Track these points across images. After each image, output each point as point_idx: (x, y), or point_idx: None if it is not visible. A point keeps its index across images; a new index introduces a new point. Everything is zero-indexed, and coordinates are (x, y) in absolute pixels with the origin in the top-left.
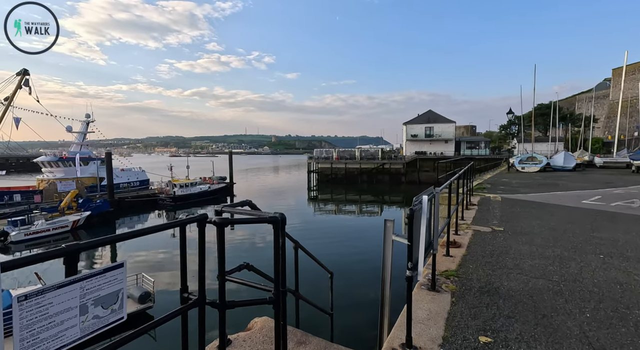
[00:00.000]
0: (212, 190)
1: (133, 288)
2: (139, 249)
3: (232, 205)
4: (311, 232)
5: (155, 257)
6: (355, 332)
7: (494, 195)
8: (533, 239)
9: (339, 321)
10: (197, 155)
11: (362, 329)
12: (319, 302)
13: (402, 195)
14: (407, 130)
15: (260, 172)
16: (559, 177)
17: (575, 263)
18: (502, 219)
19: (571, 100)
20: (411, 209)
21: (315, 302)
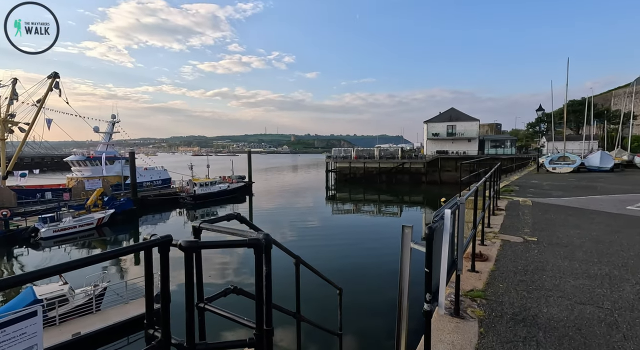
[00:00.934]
0: (231, 189)
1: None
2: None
3: (213, 220)
4: (327, 234)
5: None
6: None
7: (524, 199)
8: (574, 253)
9: (350, 342)
10: (218, 154)
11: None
12: (327, 321)
13: (423, 196)
14: (428, 128)
15: (280, 171)
16: (596, 179)
17: (629, 285)
18: (534, 227)
19: (606, 96)
20: (429, 228)
21: (322, 322)
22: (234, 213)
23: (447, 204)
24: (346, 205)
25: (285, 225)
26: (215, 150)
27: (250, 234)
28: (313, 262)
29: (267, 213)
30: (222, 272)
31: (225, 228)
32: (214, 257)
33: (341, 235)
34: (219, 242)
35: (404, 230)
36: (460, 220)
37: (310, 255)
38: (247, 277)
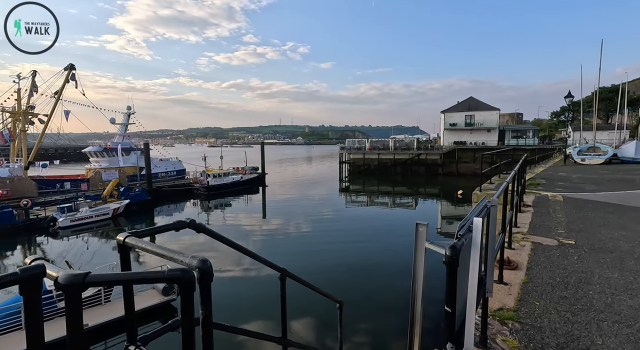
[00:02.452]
0: (245, 181)
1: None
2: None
3: (150, 231)
4: (339, 228)
5: (189, 246)
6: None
7: (553, 194)
8: (623, 261)
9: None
10: (233, 145)
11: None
12: (324, 338)
13: (439, 188)
14: (445, 118)
15: (294, 162)
16: (632, 171)
17: None
18: (569, 228)
19: (638, 82)
20: (452, 248)
21: (320, 340)
22: (187, 220)
23: (475, 208)
24: (360, 197)
25: (297, 217)
26: (231, 142)
27: (184, 258)
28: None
29: (280, 204)
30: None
31: (156, 247)
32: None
33: (353, 228)
34: (120, 277)
35: (418, 229)
36: (491, 228)
37: (320, 250)
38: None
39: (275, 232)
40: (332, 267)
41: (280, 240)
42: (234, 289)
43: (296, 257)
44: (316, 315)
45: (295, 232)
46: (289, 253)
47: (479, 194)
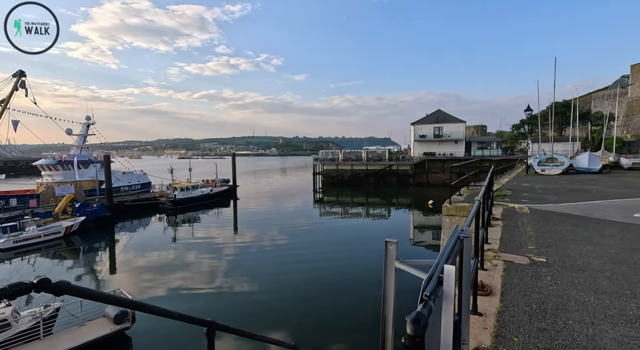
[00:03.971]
0: (215, 193)
1: (110, 306)
2: (126, 260)
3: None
4: (311, 240)
5: (142, 268)
6: None
7: (519, 206)
8: (597, 280)
9: None
10: (205, 157)
11: None
12: None
13: (410, 198)
14: (415, 130)
15: (268, 173)
16: (588, 181)
17: None
18: (539, 243)
19: (586, 98)
20: (416, 322)
21: None
22: (36, 280)
23: (446, 245)
24: (334, 208)
25: (270, 231)
26: (202, 153)
27: None
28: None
29: (252, 217)
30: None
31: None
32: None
33: (326, 242)
34: None
35: (387, 247)
36: (465, 265)
37: (291, 266)
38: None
39: (247, 247)
40: (301, 285)
41: (250, 255)
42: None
43: (266, 275)
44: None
45: (266, 247)
46: (259, 270)
47: (449, 207)
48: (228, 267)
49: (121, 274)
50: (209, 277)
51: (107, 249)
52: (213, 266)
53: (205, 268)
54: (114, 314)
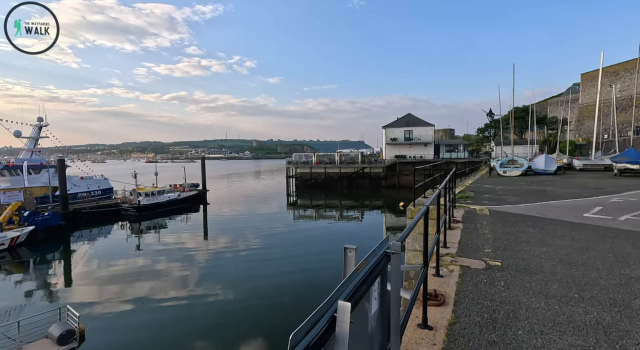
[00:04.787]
0: (183, 199)
1: (54, 325)
2: (84, 271)
3: None
4: (285, 245)
5: (102, 280)
6: None
7: (480, 207)
8: (547, 284)
9: None
10: (175, 160)
11: None
12: None
13: (383, 200)
14: (386, 133)
15: (241, 177)
16: (544, 182)
17: (633, 344)
18: (496, 246)
19: (543, 104)
20: None
21: None
22: None
23: (366, 267)
24: (308, 211)
25: (242, 236)
26: (172, 157)
27: None
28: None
29: (224, 222)
30: None
31: None
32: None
33: (300, 246)
34: None
35: (347, 254)
36: (394, 284)
37: (262, 272)
38: None
39: (217, 254)
40: (273, 292)
41: (221, 262)
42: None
43: (237, 282)
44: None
45: (237, 253)
46: (229, 277)
47: (413, 210)
48: (197, 275)
49: (77, 288)
50: (176, 287)
51: (61, 261)
52: (181, 275)
53: (172, 277)
54: (58, 334)
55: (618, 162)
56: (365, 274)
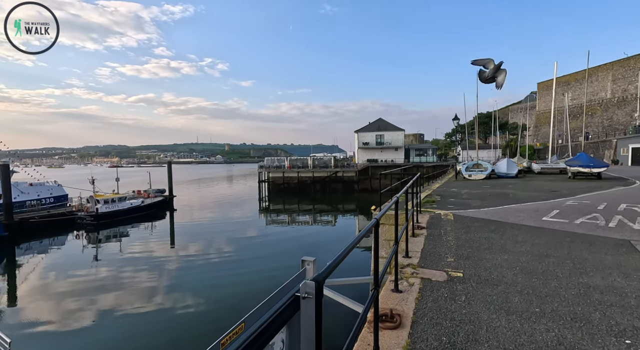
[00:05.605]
0: (147, 205)
1: None
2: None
3: None
4: (256, 252)
5: (51, 295)
6: None
7: (445, 212)
8: (508, 297)
9: None
10: (141, 165)
11: None
12: None
13: (355, 203)
14: (359, 138)
15: (212, 182)
16: (506, 185)
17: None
18: (458, 254)
19: (505, 111)
20: None
21: None
22: None
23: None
24: (280, 216)
25: (211, 243)
26: (138, 161)
27: None
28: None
29: (191, 229)
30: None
31: None
32: None
33: (272, 252)
34: None
35: (304, 267)
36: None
37: (229, 280)
38: None
39: (184, 262)
40: (239, 303)
41: (187, 271)
42: None
43: (203, 292)
44: None
45: (205, 262)
46: (195, 287)
47: (385, 214)
48: (160, 286)
49: (22, 304)
50: (137, 300)
51: (4, 276)
52: (143, 287)
53: (133, 289)
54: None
55: (571, 166)
56: (259, 329)
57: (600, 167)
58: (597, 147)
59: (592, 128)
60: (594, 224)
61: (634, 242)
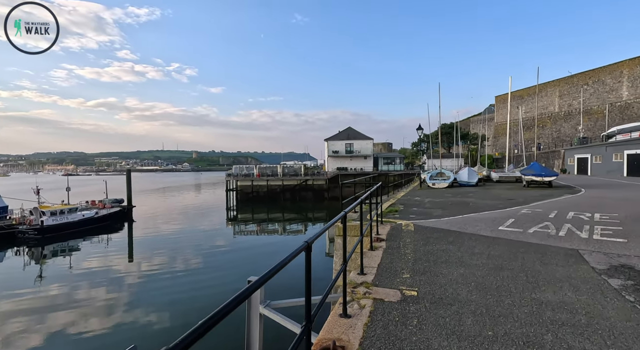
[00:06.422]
0: (101, 217)
1: None
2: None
3: None
4: (221, 265)
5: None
6: None
7: (406, 222)
8: (462, 319)
9: None
10: (100, 173)
11: None
12: None
13: (326, 212)
14: (328, 146)
15: (178, 190)
16: (467, 194)
17: None
18: (415, 269)
19: (466, 122)
20: None
21: None
22: None
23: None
24: (249, 226)
25: (173, 256)
26: (97, 169)
27: None
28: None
29: (152, 242)
30: None
31: None
32: None
33: (239, 264)
34: None
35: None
36: None
37: (189, 294)
38: None
39: (143, 277)
40: (197, 320)
41: (146, 287)
42: None
43: (160, 309)
44: None
45: (166, 275)
46: (153, 304)
47: (340, 226)
48: (116, 304)
49: None
50: (87, 320)
51: None
52: (95, 305)
53: (84, 309)
54: None
55: (526, 175)
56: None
57: (551, 176)
58: (548, 157)
59: (543, 139)
60: (545, 233)
61: (582, 251)
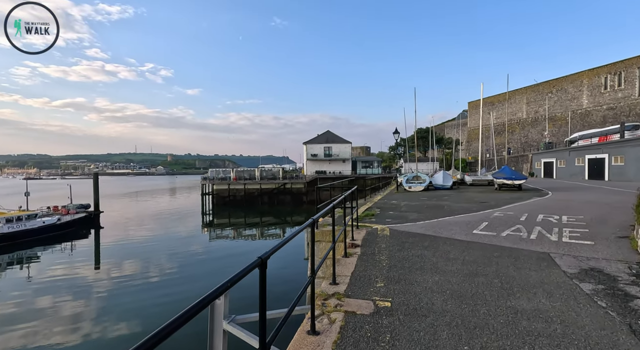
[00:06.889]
0: (64, 223)
1: None
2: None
3: None
4: (194, 273)
5: None
6: None
7: (382, 227)
8: (436, 332)
9: None
10: (66, 177)
11: None
12: None
13: (304, 216)
14: (307, 149)
15: (151, 194)
16: (442, 197)
17: None
18: (389, 277)
19: (441, 126)
20: None
21: None
22: None
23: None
24: (225, 231)
25: (143, 264)
26: (63, 172)
27: None
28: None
29: (120, 249)
30: None
31: None
32: None
33: (214, 271)
34: None
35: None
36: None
37: (160, 306)
38: None
39: (109, 287)
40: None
41: (114, 295)
42: None
43: (129, 318)
44: None
45: (136, 285)
46: (121, 311)
47: (315, 232)
48: (80, 314)
49: None
50: (47, 335)
51: None
52: (58, 317)
53: (45, 321)
54: None
55: (497, 178)
56: None
57: (520, 179)
58: (517, 161)
59: (513, 144)
60: (517, 237)
61: (553, 254)
